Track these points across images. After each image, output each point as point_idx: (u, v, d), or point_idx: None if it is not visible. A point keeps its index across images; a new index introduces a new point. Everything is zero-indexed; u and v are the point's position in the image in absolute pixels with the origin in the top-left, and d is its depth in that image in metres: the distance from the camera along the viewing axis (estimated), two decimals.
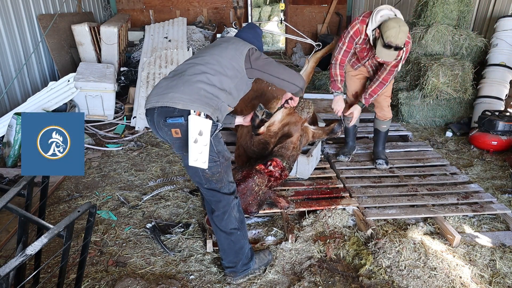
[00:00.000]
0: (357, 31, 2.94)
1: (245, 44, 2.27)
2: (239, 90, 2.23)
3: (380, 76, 3.13)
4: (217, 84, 2.05)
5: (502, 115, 4.06)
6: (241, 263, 2.28)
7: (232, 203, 2.18)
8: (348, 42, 3.01)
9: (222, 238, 2.23)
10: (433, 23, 4.88)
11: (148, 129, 4.79)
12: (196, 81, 2.01)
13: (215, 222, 2.21)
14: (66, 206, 3.11)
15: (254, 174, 2.69)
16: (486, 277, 2.32)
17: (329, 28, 9.18)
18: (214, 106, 2.00)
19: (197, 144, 1.92)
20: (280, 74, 2.24)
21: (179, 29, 6.18)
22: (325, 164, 3.62)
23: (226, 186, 2.16)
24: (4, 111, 4.49)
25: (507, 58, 4.61)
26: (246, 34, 2.42)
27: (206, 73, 2.06)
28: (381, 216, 2.82)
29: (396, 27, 2.66)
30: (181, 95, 1.96)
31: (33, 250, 1.38)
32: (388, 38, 2.68)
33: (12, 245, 2.54)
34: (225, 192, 2.15)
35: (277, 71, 2.24)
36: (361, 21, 2.90)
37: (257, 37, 2.45)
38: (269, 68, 2.23)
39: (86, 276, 2.31)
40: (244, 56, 2.19)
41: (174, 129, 1.99)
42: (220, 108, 2.06)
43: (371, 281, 2.27)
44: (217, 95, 2.04)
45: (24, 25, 5.12)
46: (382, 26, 2.74)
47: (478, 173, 3.62)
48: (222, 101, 2.06)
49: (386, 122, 3.48)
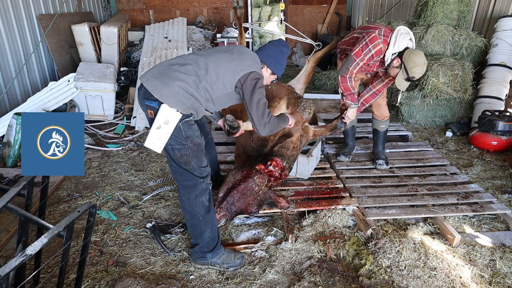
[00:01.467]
0: (379, 51, 2.92)
1: (252, 65, 2.29)
2: (223, 103, 2.38)
3: (375, 86, 3.22)
4: (201, 90, 2.19)
5: (502, 115, 4.06)
6: (199, 248, 2.37)
7: (200, 186, 2.26)
8: (367, 59, 2.96)
9: (186, 216, 2.36)
10: (433, 23, 4.89)
11: (148, 129, 4.79)
12: (182, 80, 2.15)
13: (183, 198, 2.31)
14: (66, 206, 3.11)
15: (254, 174, 2.69)
16: (486, 277, 2.32)
17: (329, 28, 9.18)
18: (188, 105, 2.15)
19: (160, 131, 2.10)
20: (252, 113, 2.30)
21: (179, 29, 6.18)
22: (325, 164, 3.62)
23: (197, 170, 2.25)
24: (4, 111, 4.49)
25: (507, 58, 4.61)
26: (268, 51, 2.42)
27: (196, 76, 2.19)
28: (381, 216, 2.82)
29: (422, 64, 2.78)
30: (162, 87, 2.12)
31: (33, 250, 1.38)
32: (413, 73, 2.80)
33: (12, 245, 2.54)
34: (194, 174, 2.25)
35: (252, 108, 2.28)
36: (384, 41, 2.90)
37: (278, 57, 2.42)
38: (249, 102, 2.28)
39: (86, 276, 2.31)
40: (240, 77, 2.26)
41: (149, 110, 2.18)
42: (196, 109, 2.20)
43: (371, 281, 2.27)
44: (196, 97, 2.18)
45: (24, 25, 5.12)
46: (407, 60, 2.80)
47: (478, 173, 3.62)
48: (199, 104, 2.21)
49: (384, 122, 3.47)
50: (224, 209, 2.55)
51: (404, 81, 2.88)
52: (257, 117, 2.30)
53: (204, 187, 2.29)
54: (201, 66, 2.22)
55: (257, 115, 2.30)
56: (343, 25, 9.13)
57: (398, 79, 2.91)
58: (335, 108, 5.31)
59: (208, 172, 2.32)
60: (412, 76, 2.82)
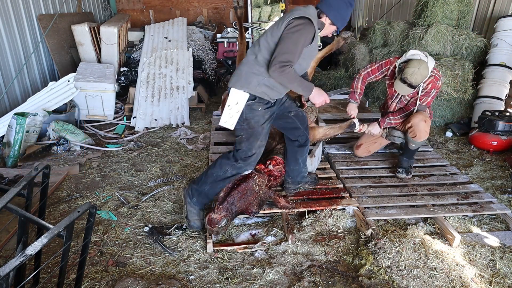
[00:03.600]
0: (388, 61, 3.24)
1: (299, 13, 2.27)
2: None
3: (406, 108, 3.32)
4: (260, 62, 2.35)
5: (502, 115, 4.06)
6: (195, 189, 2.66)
7: (232, 164, 2.54)
8: (376, 67, 3.29)
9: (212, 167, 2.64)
10: (433, 23, 4.88)
11: (148, 129, 4.80)
12: (245, 63, 2.42)
13: (218, 160, 2.64)
14: (66, 206, 3.11)
15: (254, 174, 2.69)
16: (486, 277, 2.32)
17: None
18: (254, 84, 2.37)
19: (231, 110, 2.40)
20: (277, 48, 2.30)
21: (179, 29, 6.18)
22: (325, 164, 3.62)
23: (243, 151, 2.51)
24: (4, 111, 4.49)
25: (507, 58, 4.61)
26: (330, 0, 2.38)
27: (253, 55, 2.40)
28: (381, 216, 2.82)
29: (415, 68, 2.89)
30: (232, 78, 2.46)
31: (33, 250, 1.38)
32: (404, 74, 2.92)
33: (12, 245, 2.54)
34: (235, 155, 2.54)
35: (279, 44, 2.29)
36: (395, 57, 3.23)
37: (340, 7, 2.36)
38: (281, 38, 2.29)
39: (86, 276, 2.31)
40: (281, 30, 2.30)
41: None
42: (267, 85, 2.38)
43: (371, 281, 2.27)
44: (261, 72, 2.36)
45: (24, 25, 5.12)
46: (407, 63, 2.99)
47: (478, 173, 3.62)
48: (266, 77, 2.35)
49: (416, 142, 3.26)
50: (225, 209, 2.55)
51: (399, 81, 2.98)
52: (276, 54, 2.26)
53: (238, 166, 2.54)
54: (255, 44, 2.43)
55: (277, 53, 2.26)
56: None
57: (396, 80, 3.03)
58: (335, 108, 5.31)
59: (252, 160, 2.54)
60: (404, 76, 2.92)
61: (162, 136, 4.64)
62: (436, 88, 3.10)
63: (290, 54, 2.25)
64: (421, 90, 3.10)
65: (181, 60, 5.36)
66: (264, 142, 2.59)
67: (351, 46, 6.23)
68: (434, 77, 3.06)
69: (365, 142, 3.62)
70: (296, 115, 2.78)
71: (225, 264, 2.45)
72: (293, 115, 2.77)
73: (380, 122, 3.36)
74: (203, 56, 6.26)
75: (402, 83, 2.95)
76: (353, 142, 3.87)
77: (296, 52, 2.27)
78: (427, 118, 3.19)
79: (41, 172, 1.86)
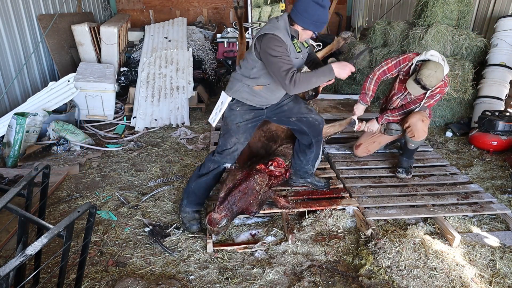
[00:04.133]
0: (407, 57, 3.12)
1: (268, 28, 2.38)
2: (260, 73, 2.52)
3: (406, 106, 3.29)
4: (243, 70, 2.58)
5: (502, 115, 4.06)
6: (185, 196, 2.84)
7: (211, 159, 2.76)
8: (394, 64, 3.16)
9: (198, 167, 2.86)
10: (433, 23, 4.88)
11: (148, 129, 4.80)
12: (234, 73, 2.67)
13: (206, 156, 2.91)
14: (66, 206, 3.11)
15: (255, 174, 2.69)
16: (486, 277, 2.32)
17: (329, 28, 9.17)
18: (234, 89, 2.61)
19: (216, 109, 2.71)
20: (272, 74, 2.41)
21: (179, 29, 6.18)
22: (325, 164, 3.62)
23: (219, 145, 2.74)
24: (4, 111, 4.49)
25: (507, 58, 4.61)
26: (296, 5, 2.39)
27: (239, 65, 2.64)
28: (381, 216, 2.82)
29: (432, 71, 2.86)
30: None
31: (33, 250, 1.38)
32: (420, 75, 2.89)
33: (12, 245, 2.54)
34: (214, 150, 2.79)
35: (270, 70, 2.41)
36: (415, 53, 3.13)
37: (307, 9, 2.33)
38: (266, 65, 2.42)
39: (86, 276, 2.31)
40: (253, 48, 2.46)
41: None
42: (240, 88, 2.58)
43: (371, 281, 2.27)
44: (239, 79, 2.59)
45: (24, 25, 5.12)
46: (424, 64, 2.95)
47: (478, 173, 3.62)
48: (243, 84, 2.57)
49: (415, 142, 3.26)
50: (225, 209, 2.55)
51: (412, 81, 2.95)
52: (276, 77, 2.38)
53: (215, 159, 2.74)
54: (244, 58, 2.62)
55: (276, 75, 2.37)
56: (343, 25, 9.13)
57: (410, 79, 3.00)
58: (335, 108, 5.31)
59: (226, 153, 2.71)
60: (419, 77, 2.88)
61: (162, 136, 4.64)
62: (441, 93, 3.10)
63: (281, 65, 2.31)
64: (429, 93, 3.08)
65: (181, 60, 5.36)
66: (242, 140, 2.72)
67: (351, 46, 6.23)
68: (444, 82, 3.04)
69: (364, 141, 3.62)
70: (300, 120, 2.78)
71: (225, 264, 2.46)
72: (295, 120, 2.79)
73: (378, 119, 3.36)
74: (203, 56, 6.26)
75: (416, 84, 2.92)
76: (353, 142, 3.87)
77: (283, 60, 2.32)
78: (425, 118, 3.18)
79: (41, 172, 1.86)
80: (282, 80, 2.32)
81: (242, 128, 2.68)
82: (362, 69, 5.96)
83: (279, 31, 2.36)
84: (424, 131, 3.18)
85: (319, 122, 2.82)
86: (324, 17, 2.39)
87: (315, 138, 2.84)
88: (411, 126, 3.17)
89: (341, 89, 6.23)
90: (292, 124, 2.82)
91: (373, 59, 5.70)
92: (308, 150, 2.90)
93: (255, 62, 2.47)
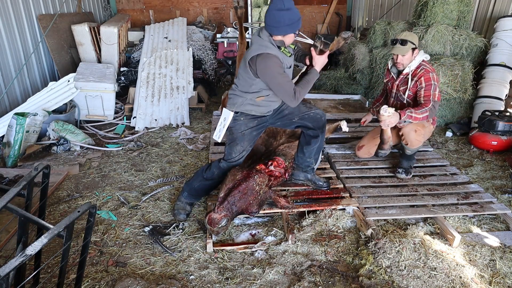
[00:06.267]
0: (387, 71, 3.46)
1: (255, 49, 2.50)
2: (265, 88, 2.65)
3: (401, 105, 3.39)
4: (242, 89, 2.70)
5: (502, 115, 4.06)
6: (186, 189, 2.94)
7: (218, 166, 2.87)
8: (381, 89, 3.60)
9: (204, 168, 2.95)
10: (433, 23, 4.88)
11: (148, 129, 4.80)
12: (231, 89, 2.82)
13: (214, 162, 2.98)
14: (66, 206, 3.11)
15: (254, 174, 2.69)
16: (486, 277, 2.32)
17: (329, 28, 9.18)
18: (234, 103, 2.73)
19: (220, 125, 2.80)
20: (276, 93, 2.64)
21: (179, 29, 6.18)
22: (325, 164, 3.62)
23: (226, 154, 2.86)
24: (4, 111, 4.49)
25: (507, 58, 4.61)
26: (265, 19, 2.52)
27: (235, 83, 2.77)
28: (381, 216, 2.82)
29: (405, 31, 3.24)
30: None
31: (33, 250, 1.38)
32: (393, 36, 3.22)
33: (12, 245, 2.54)
34: (221, 158, 2.89)
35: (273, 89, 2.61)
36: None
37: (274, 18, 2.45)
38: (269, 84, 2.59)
39: (86, 276, 2.31)
40: (248, 68, 2.56)
41: None
42: (243, 102, 2.71)
43: (371, 281, 2.27)
44: (240, 95, 2.71)
45: (24, 25, 5.12)
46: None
47: (478, 173, 3.62)
48: (245, 98, 2.69)
49: (410, 149, 3.27)
50: (225, 209, 2.55)
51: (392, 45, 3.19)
52: (280, 97, 2.66)
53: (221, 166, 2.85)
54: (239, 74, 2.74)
55: (279, 95, 2.64)
56: (343, 25, 9.13)
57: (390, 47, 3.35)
58: (335, 108, 5.31)
59: (233, 161, 2.83)
60: (393, 37, 3.23)
61: (162, 136, 4.64)
62: (428, 80, 3.05)
63: (282, 85, 2.54)
64: (411, 79, 3.14)
65: (181, 60, 5.37)
66: (246, 147, 2.84)
67: (351, 46, 6.23)
68: (424, 69, 3.09)
69: (367, 143, 3.60)
70: (302, 118, 2.89)
71: (225, 264, 2.46)
72: (298, 119, 2.89)
73: (401, 113, 3.04)
74: (203, 56, 6.26)
75: (393, 45, 3.15)
76: (353, 142, 3.87)
77: (283, 80, 2.53)
78: (419, 128, 3.16)
79: (41, 172, 1.86)
80: (287, 99, 2.60)
81: (247, 136, 2.81)
82: (362, 69, 5.96)
83: (267, 48, 2.50)
84: (418, 140, 3.21)
85: (321, 115, 2.93)
86: (294, 16, 2.49)
87: (320, 129, 2.93)
88: (404, 135, 3.23)
89: (341, 89, 6.23)
90: (296, 124, 2.92)
91: (373, 59, 5.70)
92: (313, 140, 2.96)
93: (252, 80, 2.59)
